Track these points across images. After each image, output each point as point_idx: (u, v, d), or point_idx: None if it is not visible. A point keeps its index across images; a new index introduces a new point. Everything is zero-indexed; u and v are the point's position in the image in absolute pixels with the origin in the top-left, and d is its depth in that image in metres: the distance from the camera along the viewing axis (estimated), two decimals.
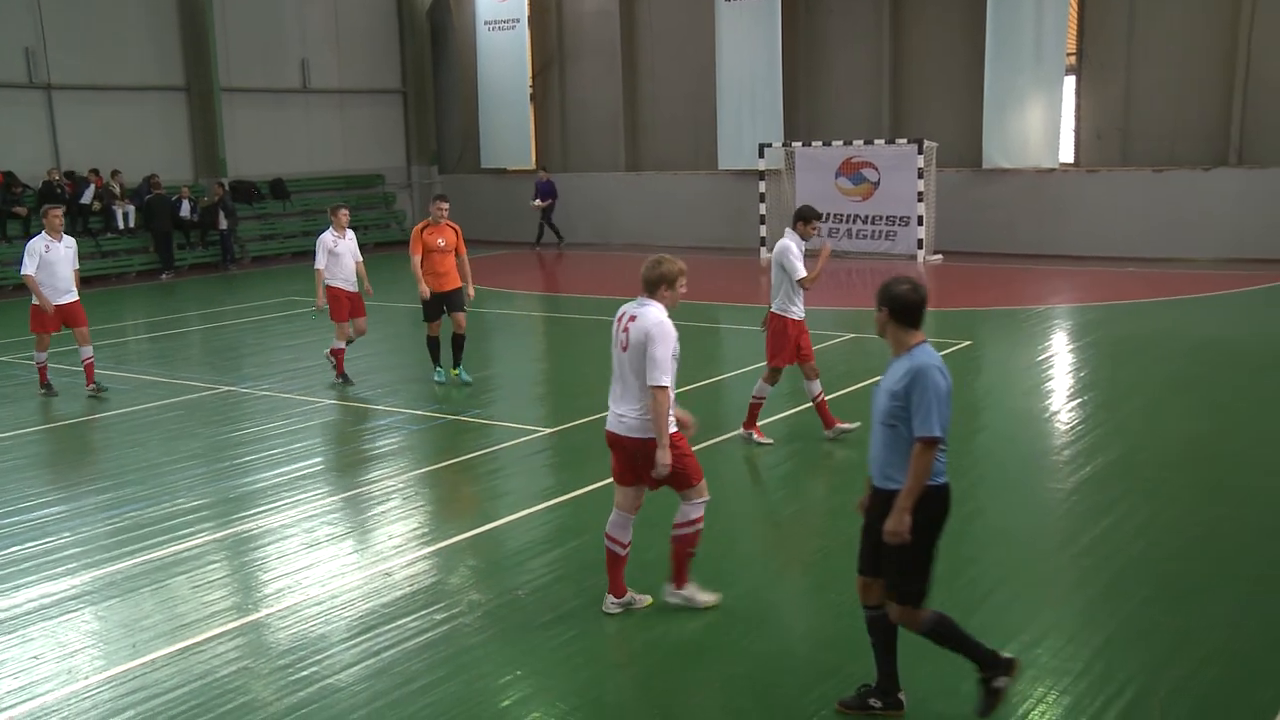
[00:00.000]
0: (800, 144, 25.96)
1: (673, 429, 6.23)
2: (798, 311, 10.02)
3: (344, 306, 12.95)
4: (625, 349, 6.25)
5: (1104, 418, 10.71)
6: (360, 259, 13.15)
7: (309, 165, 29.95)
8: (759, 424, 10.18)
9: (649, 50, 29.45)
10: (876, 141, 24.98)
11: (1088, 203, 23.95)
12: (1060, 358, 14.32)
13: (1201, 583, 6.73)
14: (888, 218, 24.84)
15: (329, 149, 30.48)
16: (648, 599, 6.56)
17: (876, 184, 24.98)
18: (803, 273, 9.81)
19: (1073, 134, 24.68)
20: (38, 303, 12.63)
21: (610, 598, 6.51)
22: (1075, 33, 24.27)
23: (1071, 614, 6.43)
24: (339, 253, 12.91)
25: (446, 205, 12.63)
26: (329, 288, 12.88)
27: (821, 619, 6.47)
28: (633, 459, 6.33)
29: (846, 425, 10.12)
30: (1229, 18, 22.51)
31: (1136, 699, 5.28)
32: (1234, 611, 6.27)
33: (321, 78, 29.95)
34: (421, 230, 12.50)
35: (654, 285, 6.30)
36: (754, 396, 10.20)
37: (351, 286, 13.01)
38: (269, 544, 7.90)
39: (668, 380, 6.06)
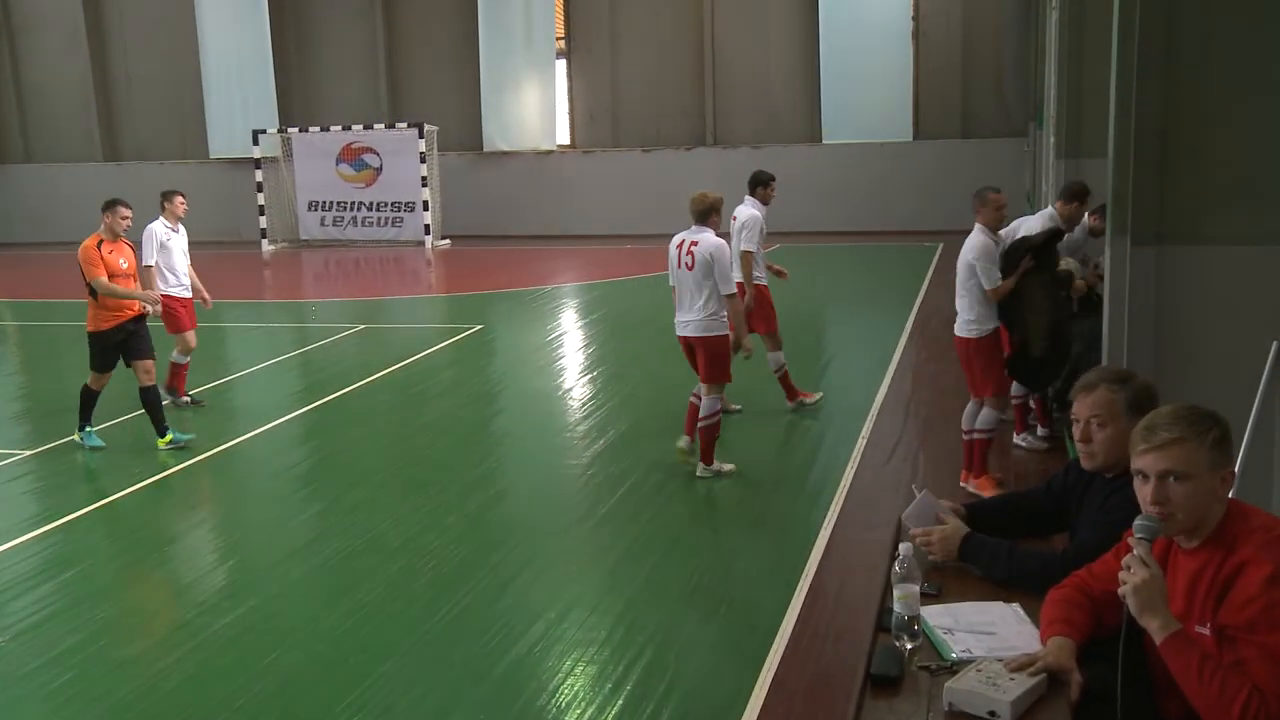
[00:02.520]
0: (297, 129, 25.34)
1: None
2: (760, 276, 9.94)
3: (183, 315, 10.88)
4: (691, 269, 8.12)
5: (614, 391, 11.39)
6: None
7: None
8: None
9: (118, 25, 27.41)
10: (376, 126, 24.92)
11: (586, 183, 25.32)
12: (570, 336, 15.06)
13: (706, 540, 7.35)
14: (393, 204, 24.88)
15: None
16: (732, 466, 8.39)
17: (379, 170, 24.94)
18: (749, 247, 9.74)
19: (568, 116, 25.95)
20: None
21: (700, 465, 8.30)
22: (563, 18, 25.49)
23: (593, 585, 6.79)
24: (171, 248, 10.81)
25: (131, 214, 9.92)
26: (166, 296, 10.66)
27: (347, 623, 6.40)
28: (693, 352, 8.29)
29: (809, 397, 10.18)
30: (695, 7, 24.62)
31: (655, 657, 5.68)
32: (733, 563, 6.91)
33: None
34: (99, 246, 9.56)
35: (705, 215, 8.23)
36: (778, 371, 10.20)
37: (188, 292, 10.95)
38: None
39: (735, 288, 8.25)
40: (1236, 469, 3.89)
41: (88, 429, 9.78)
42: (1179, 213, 5.18)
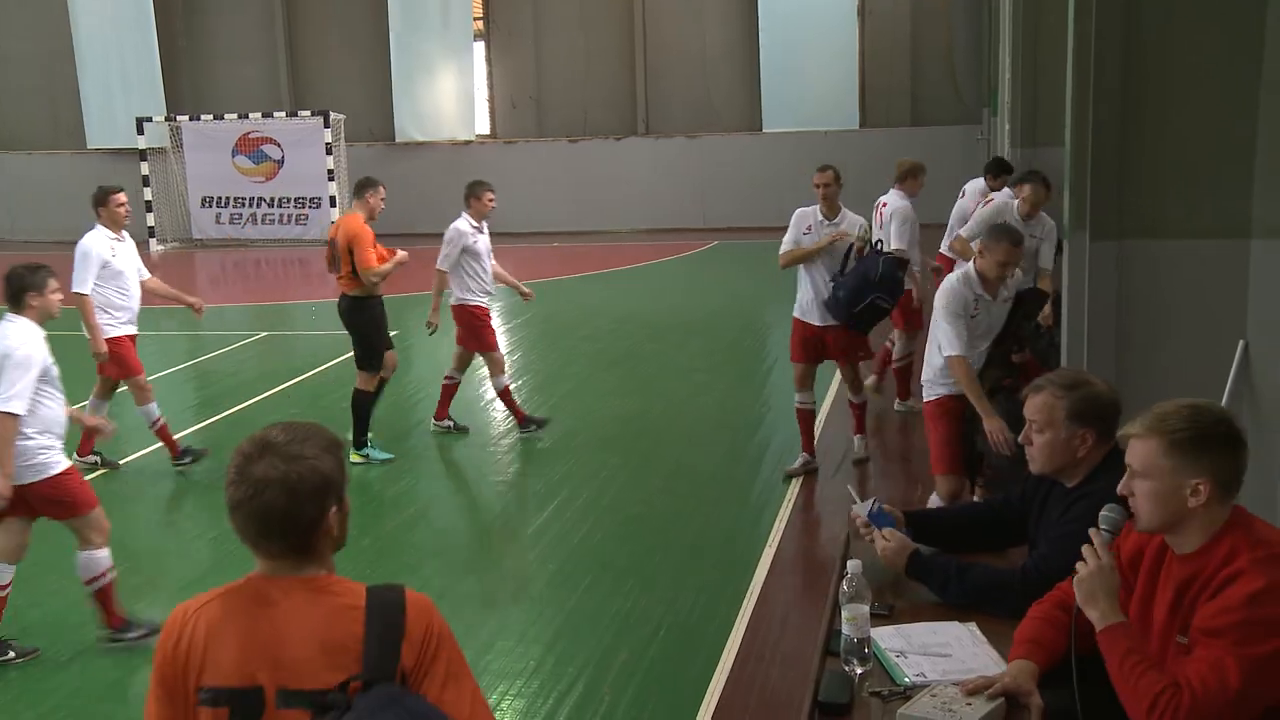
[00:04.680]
0: (187, 117, 24.99)
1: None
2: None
3: (486, 331, 10.16)
4: (881, 227, 9.39)
5: (539, 402, 11.37)
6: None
7: None
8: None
9: None
10: (277, 114, 24.64)
11: (509, 176, 25.18)
12: None
13: (641, 560, 7.37)
14: (296, 199, 24.64)
15: None
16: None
17: (280, 162, 24.67)
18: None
19: (487, 104, 25.87)
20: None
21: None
22: None
23: (520, 612, 6.78)
24: (479, 251, 10.06)
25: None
26: (469, 307, 9.94)
27: None
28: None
29: None
30: None
31: (588, 690, 5.69)
32: (670, 585, 6.93)
33: None
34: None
35: (904, 178, 9.57)
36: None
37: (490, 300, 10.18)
38: None
39: (902, 246, 9.25)
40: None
41: (371, 444, 9.49)
42: (1140, 204, 5.27)
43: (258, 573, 2.61)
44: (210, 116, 24.80)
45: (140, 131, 24.45)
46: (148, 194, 24.42)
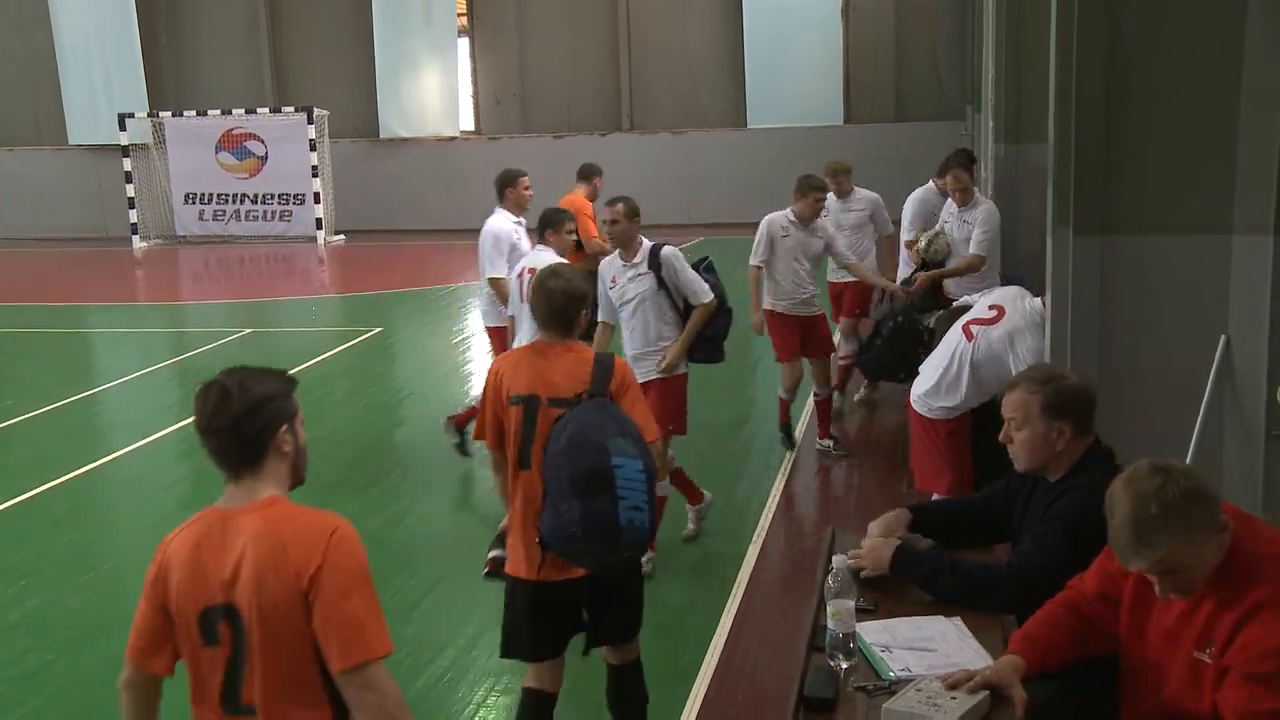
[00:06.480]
0: (170, 114, 24.91)
1: None
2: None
3: (793, 337, 9.28)
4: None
5: None
6: None
7: None
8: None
9: None
10: (260, 110, 24.59)
11: (492, 172, 25.04)
12: (477, 339, 14.97)
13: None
14: (280, 196, 24.60)
15: None
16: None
17: (264, 158, 24.63)
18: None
19: (471, 100, 25.84)
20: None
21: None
22: None
23: None
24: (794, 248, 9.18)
25: None
26: (770, 313, 9.36)
27: None
28: None
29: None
30: None
31: (575, 683, 5.67)
32: (658, 581, 6.93)
33: None
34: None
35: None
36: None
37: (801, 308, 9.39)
38: None
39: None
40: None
41: None
42: (1123, 201, 5.29)
43: (539, 340, 4.67)
44: (193, 113, 24.73)
45: (123, 128, 24.36)
46: (130, 190, 24.35)
